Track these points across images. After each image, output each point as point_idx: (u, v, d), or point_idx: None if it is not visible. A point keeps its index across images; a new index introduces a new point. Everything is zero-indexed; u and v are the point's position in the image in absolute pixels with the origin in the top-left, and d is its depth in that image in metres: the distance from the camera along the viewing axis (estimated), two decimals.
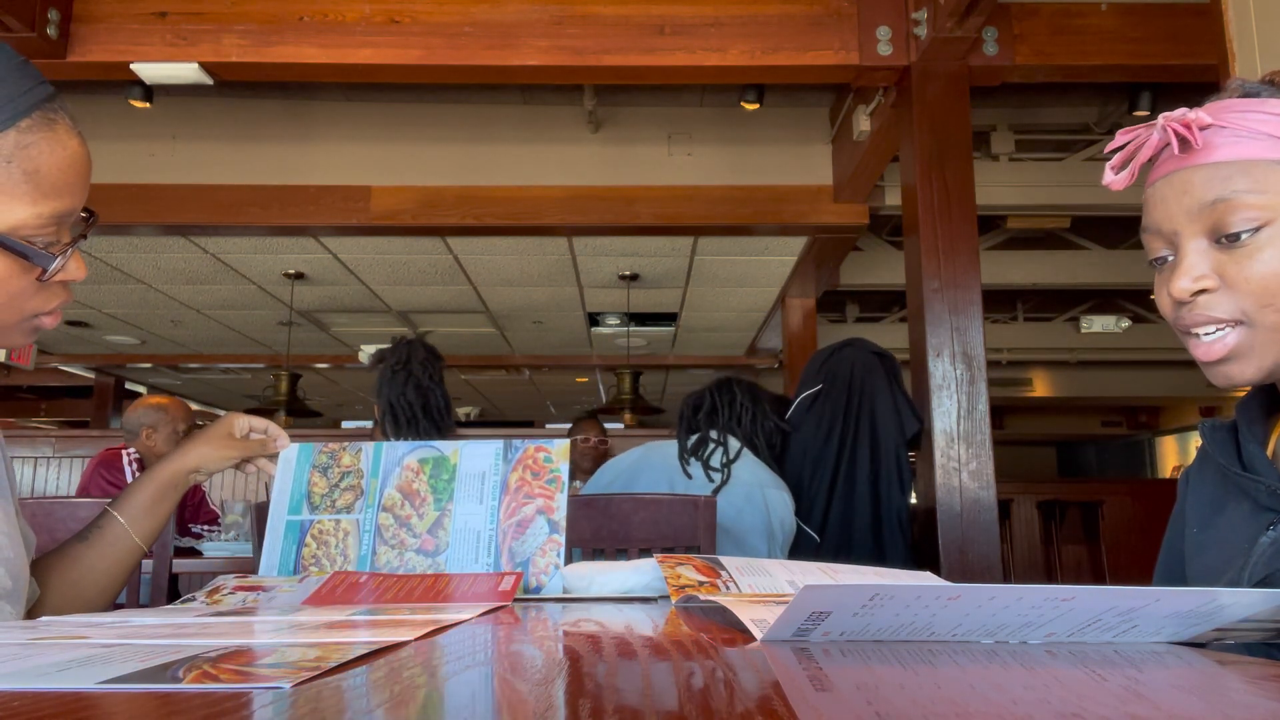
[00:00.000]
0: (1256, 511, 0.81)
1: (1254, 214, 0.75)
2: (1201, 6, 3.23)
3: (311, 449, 1.20)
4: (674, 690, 0.43)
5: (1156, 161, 0.82)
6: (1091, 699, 0.39)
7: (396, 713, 0.38)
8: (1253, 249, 0.75)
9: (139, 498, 1.10)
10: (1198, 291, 0.78)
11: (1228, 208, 0.75)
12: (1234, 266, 0.76)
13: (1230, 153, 0.76)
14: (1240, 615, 0.54)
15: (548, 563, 1.08)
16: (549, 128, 4.70)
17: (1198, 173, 0.77)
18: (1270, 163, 0.75)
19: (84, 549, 1.06)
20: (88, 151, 0.87)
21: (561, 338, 8.04)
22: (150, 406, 3.56)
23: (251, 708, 0.38)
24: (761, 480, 2.16)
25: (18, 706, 0.38)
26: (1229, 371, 0.78)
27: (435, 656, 0.55)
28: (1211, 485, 0.89)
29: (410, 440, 1.80)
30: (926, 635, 0.55)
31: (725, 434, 2.24)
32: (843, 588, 0.51)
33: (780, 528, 2.13)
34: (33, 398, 11.65)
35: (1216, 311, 0.77)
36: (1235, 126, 0.76)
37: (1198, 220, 0.77)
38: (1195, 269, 0.77)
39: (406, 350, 2.54)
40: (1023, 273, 6.22)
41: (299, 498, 1.17)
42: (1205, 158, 0.77)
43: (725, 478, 2.14)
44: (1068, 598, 0.51)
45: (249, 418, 1.19)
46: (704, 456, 2.19)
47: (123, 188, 4.56)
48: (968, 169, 3.13)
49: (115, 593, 1.08)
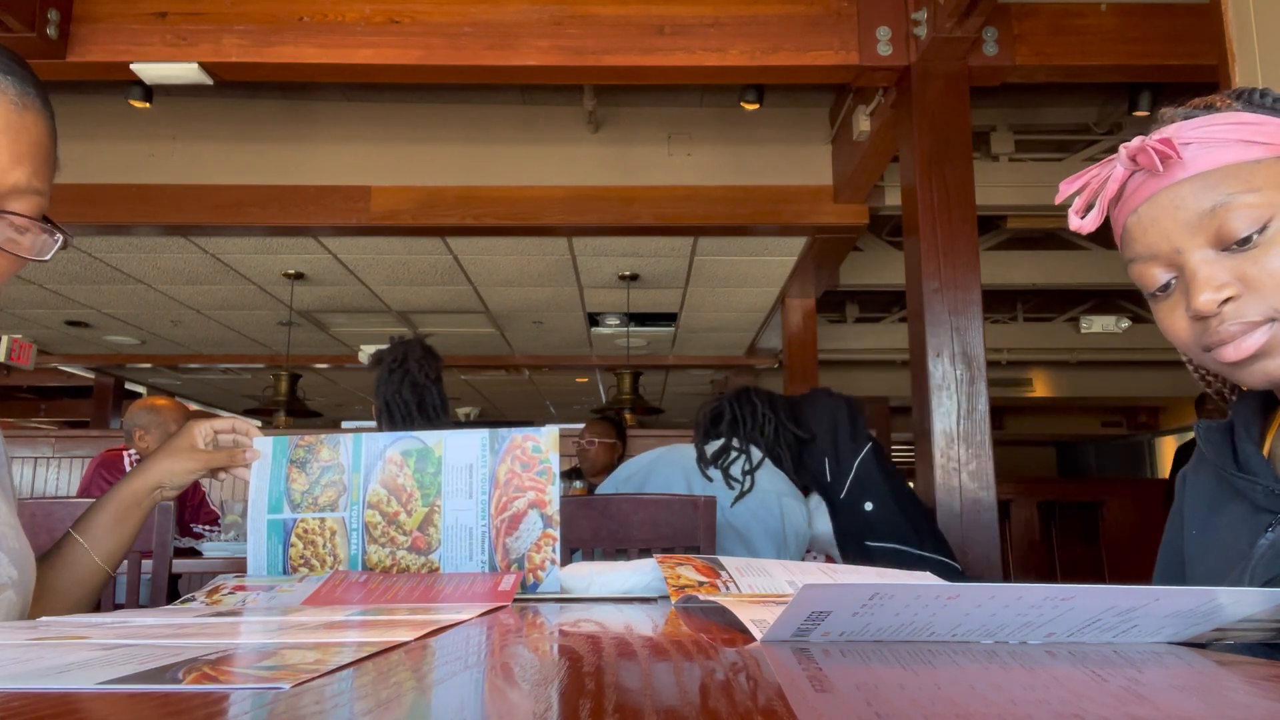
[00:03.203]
0: (1254, 512, 0.81)
1: (1255, 213, 0.74)
2: (1201, 6, 3.22)
3: (286, 442, 1.14)
4: (674, 691, 0.43)
5: (1125, 193, 0.81)
6: (1091, 699, 0.39)
7: (396, 713, 0.38)
8: (1266, 246, 0.74)
9: (100, 518, 1.05)
10: (1224, 301, 0.75)
11: (1227, 212, 0.74)
12: (1253, 267, 0.74)
13: (1209, 161, 0.76)
14: (1240, 615, 0.54)
15: (544, 558, 1.06)
16: (549, 128, 4.70)
17: (1184, 186, 0.76)
18: (1251, 163, 0.75)
19: (45, 569, 1.02)
20: (26, 124, 0.80)
21: (561, 338, 8.04)
22: (143, 408, 3.55)
23: (250, 709, 0.38)
24: (780, 489, 2.16)
25: (17, 707, 0.38)
26: (1266, 368, 0.75)
27: (435, 657, 0.55)
28: (1209, 486, 0.89)
29: None
30: (926, 635, 0.55)
31: (748, 443, 2.23)
32: (842, 587, 0.51)
33: (795, 537, 2.13)
34: (33, 398, 11.64)
35: (1249, 316, 0.75)
36: (1203, 139, 0.76)
37: (1199, 232, 0.76)
38: (1215, 279, 0.75)
39: (404, 349, 2.55)
40: (1023, 273, 6.21)
41: (278, 495, 1.12)
42: (1186, 171, 0.76)
43: (748, 486, 2.13)
44: (1068, 597, 0.51)
45: (209, 423, 1.13)
46: (725, 465, 2.18)
47: (122, 188, 4.56)
48: (967, 169, 3.13)
49: (80, 613, 1.04)
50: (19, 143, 0.79)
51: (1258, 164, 0.75)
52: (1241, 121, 0.77)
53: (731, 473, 2.17)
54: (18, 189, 0.80)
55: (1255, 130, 0.76)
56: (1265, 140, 0.76)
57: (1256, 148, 0.75)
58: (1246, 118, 0.77)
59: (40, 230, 0.83)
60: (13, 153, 0.79)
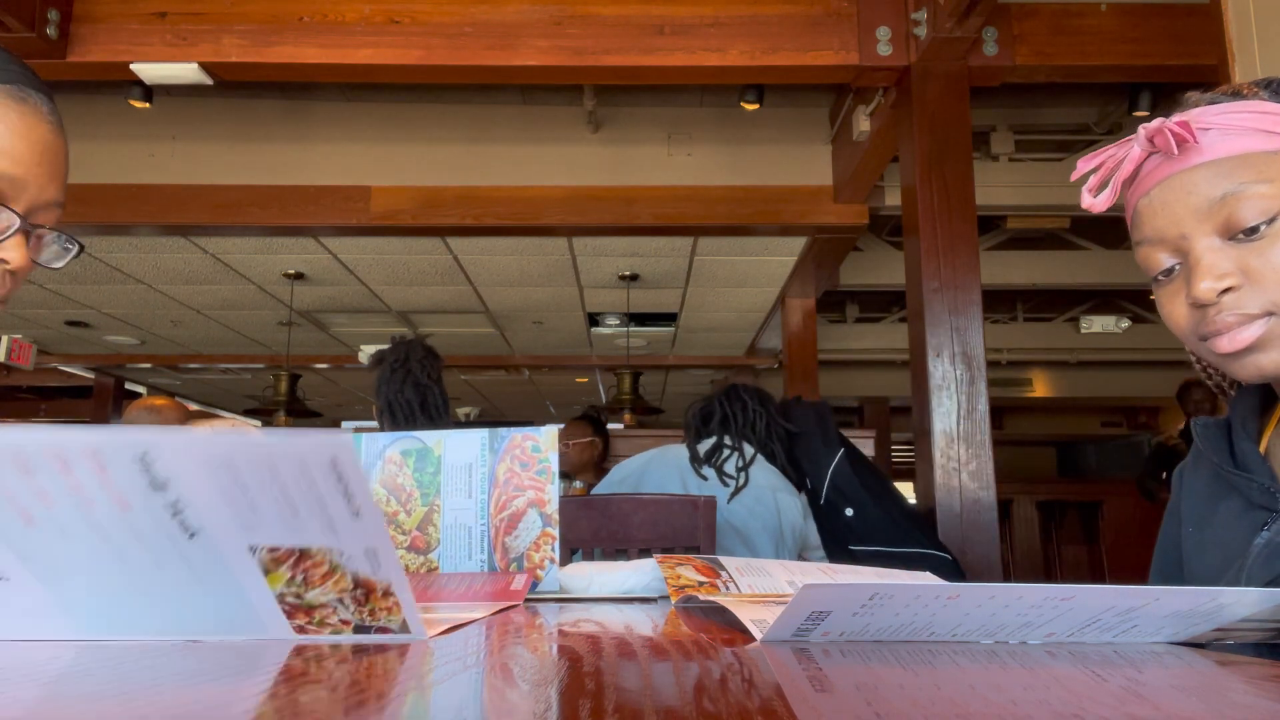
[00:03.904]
0: (1249, 509, 0.81)
1: (1265, 204, 0.74)
2: (1201, 6, 3.23)
3: None
4: (674, 691, 0.43)
5: (1140, 174, 0.81)
6: (1092, 699, 0.39)
7: (398, 710, 0.38)
8: (1273, 239, 0.74)
9: None
10: (1223, 291, 0.75)
11: (1237, 201, 0.74)
12: (1257, 259, 0.74)
13: (1226, 149, 0.75)
14: (1240, 615, 0.54)
15: (543, 557, 1.06)
16: (549, 128, 4.70)
17: (1198, 171, 0.76)
18: (1268, 153, 0.74)
19: None
20: (61, 145, 0.86)
21: (561, 338, 8.04)
22: (143, 408, 3.54)
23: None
24: (774, 484, 2.17)
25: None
26: (1259, 361, 0.76)
27: (435, 657, 0.55)
28: (1205, 483, 0.89)
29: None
30: (927, 635, 0.55)
31: (740, 440, 2.24)
32: (842, 586, 0.51)
33: (791, 532, 2.13)
34: (33, 398, 11.64)
35: (1247, 308, 0.75)
36: (1223, 126, 0.76)
37: (1207, 219, 0.76)
38: (1217, 267, 0.75)
39: (405, 349, 2.56)
40: (1023, 273, 6.21)
41: None
42: (1202, 157, 0.76)
43: (743, 482, 2.14)
44: (1067, 597, 0.51)
45: (209, 424, 1.13)
46: (718, 463, 2.19)
47: (123, 188, 4.56)
48: (967, 169, 3.13)
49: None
50: (56, 163, 0.85)
51: (1274, 155, 0.74)
52: (1264, 110, 0.76)
53: (726, 470, 2.17)
54: (49, 204, 0.85)
55: (1277, 120, 0.75)
56: None
57: (1276, 138, 0.75)
58: (1270, 107, 0.76)
59: (58, 239, 0.89)
60: (51, 171, 0.84)
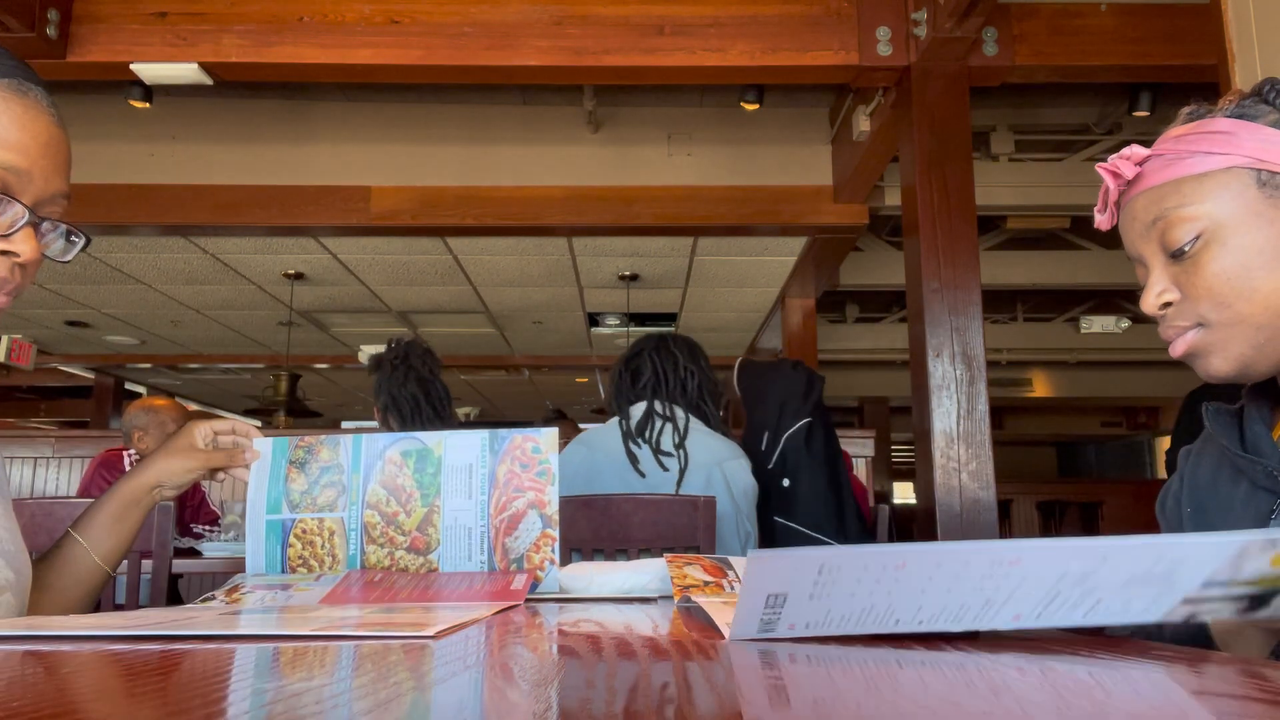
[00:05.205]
0: (1253, 492, 0.83)
1: (1189, 226, 0.81)
2: (1201, 6, 3.23)
3: (286, 443, 1.14)
4: (653, 693, 0.43)
5: (1122, 197, 0.90)
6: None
7: (396, 712, 0.38)
8: (1196, 258, 0.82)
9: (99, 517, 1.05)
10: (1164, 305, 0.85)
11: (1166, 224, 0.82)
12: (1185, 276, 0.83)
13: (1163, 175, 0.83)
14: (1203, 576, 0.52)
15: (543, 558, 1.06)
16: (549, 128, 4.70)
17: (1140, 199, 0.85)
18: (1195, 177, 0.81)
19: (45, 568, 1.02)
20: (64, 137, 0.86)
21: (561, 338, 8.04)
22: (141, 409, 3.53)
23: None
24: (718, 456, 2.06)
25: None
26: (1203, 366, 0.85)
27: (435, 657, 0.55)
28: (1209, 469, 0.91)
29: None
30: (893, 624, 0.55)
31: (670, 404, 2.10)
32: (789, 554, 0.52)
33: (743, 497, 2.05)
34: (32, 398, 11.65)
35: (1181, 320, 0.85)
36: (1168, 152, 0.83)
37: (1150, 240, 0.85)
38: (1156, 285, 0.85)
39: (404, 348, 2.58)
40: (1023, 273, 6.22)
41: (277, 496, 1.12)
42: (1145, 184, 0.85)
43: (683, 463, 2.03)
44: (1014, 560, 0.51)
45: (209, 424, 1.13)
46: (652, 438, 2.06)
47: (122, 188, 4.56)
48: (967, 169, 3.13)
49: (79, 613, 1.03)
50: (60, 155, 0.86)
51: (1204, 177, 0.81)
52: (1212, 130, 0.81)
53: (662, 446, 2.05)
54: (55, 196, 0.86)
55: (1222, 141, 0.81)
56: (1224, 150, 0.80)
57: (1213, 159, 0.81)
58: (1221, 125, 0.81)
59: (66, 232, 0.89)
60: (56, 163, 0.85)
